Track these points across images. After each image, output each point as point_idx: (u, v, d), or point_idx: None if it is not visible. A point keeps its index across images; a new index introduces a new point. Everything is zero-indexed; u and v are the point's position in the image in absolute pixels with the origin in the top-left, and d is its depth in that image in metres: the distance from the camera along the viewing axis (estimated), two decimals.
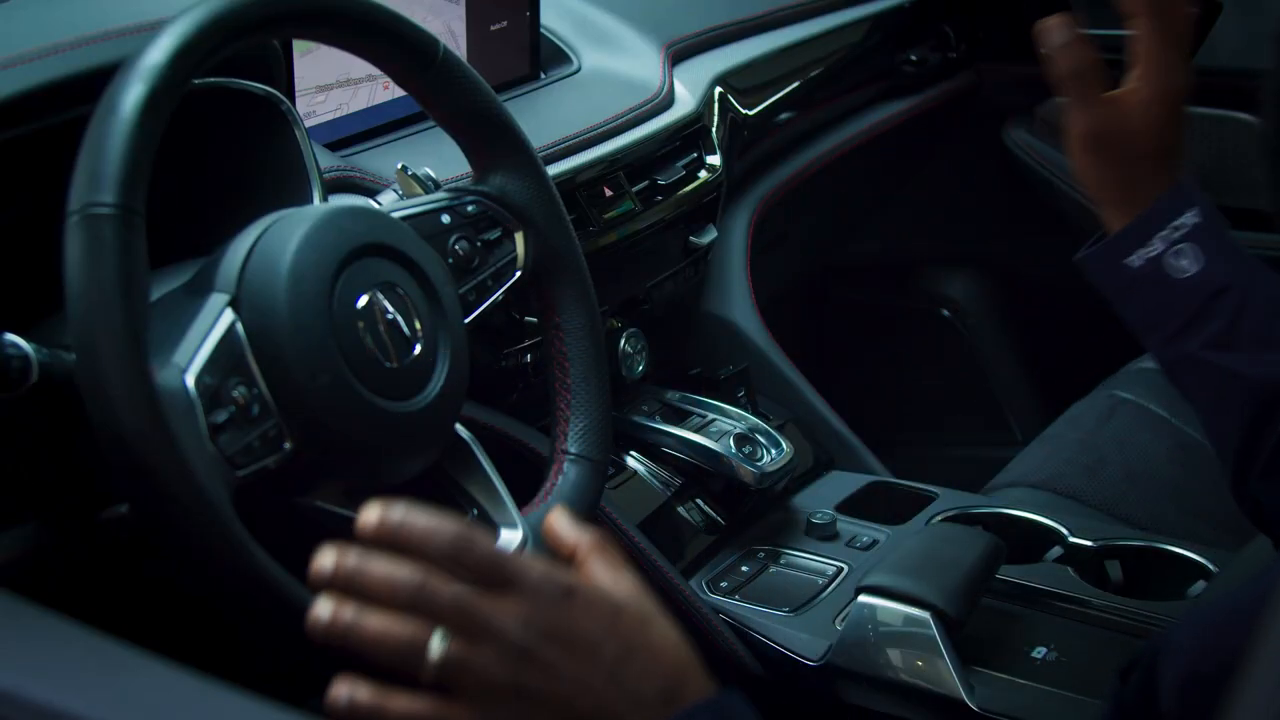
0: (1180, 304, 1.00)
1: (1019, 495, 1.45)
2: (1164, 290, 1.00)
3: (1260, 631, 0.46)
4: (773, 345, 1.63)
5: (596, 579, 0.75)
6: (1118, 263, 1.02)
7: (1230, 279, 1.00)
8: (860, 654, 1.16)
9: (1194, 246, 1.00)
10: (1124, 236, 1.02)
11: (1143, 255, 1.01)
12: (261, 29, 0.88)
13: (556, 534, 0.77)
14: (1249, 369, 0.98)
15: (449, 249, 1.01)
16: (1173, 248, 1.00)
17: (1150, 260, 1.00)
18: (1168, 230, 1.00)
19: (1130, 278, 1.01)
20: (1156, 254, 1.00)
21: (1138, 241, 1.01)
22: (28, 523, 0.90)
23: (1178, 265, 1.00)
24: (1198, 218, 1.01)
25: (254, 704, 0.65)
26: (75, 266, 0.76)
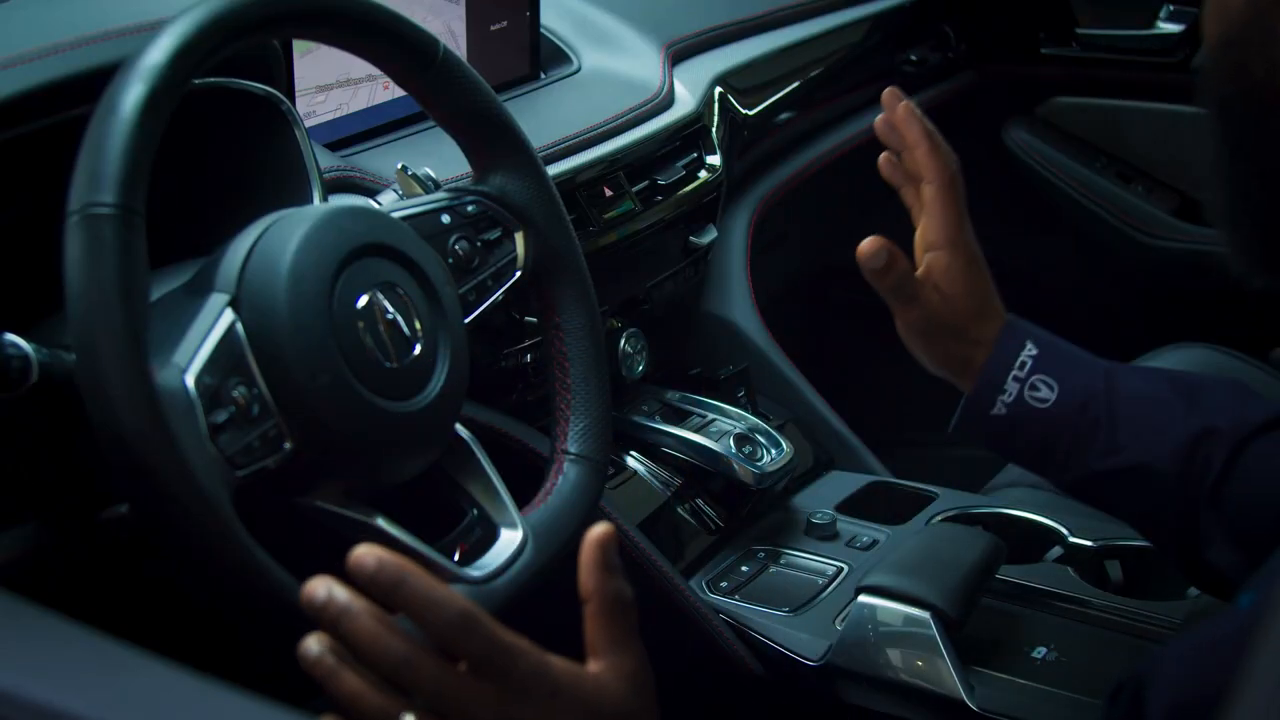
0: (1058, 431, 1.04)
1: (1019, 495, 1.45)
2: (1037, 425, 1.05)
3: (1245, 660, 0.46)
4: (773, 345, 1.63)
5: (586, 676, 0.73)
6: (986, 415, 1.06)
7: (1087, 389, 1.04)
8: (860, 654, 1.16)
9: (1044, 376, 1.05)
10: (980, 393, 1.07)
11: (1004, 402, 1.05)
12: (261, 29, 0.88)
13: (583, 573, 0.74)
14: (1145, 458, 1.01)
15: (449, 249, 1.01)
16: (1026, 383, 1.05)
17: (1012, 404, 1.05)
18: (1015, 370, 1.05)
19: (1002, 426, 1.06)
20: (1015, 396, 1.05)
21: (994, 390, 1.06)
22: (28, 523, 0.90)
23: (1038, 398, 1.05)
24: (1034, 349, 1.06)
25: (254, 704, 0.65)
26: (75, 266, 0.76)
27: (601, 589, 0.73)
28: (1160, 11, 1.98)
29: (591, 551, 0.73)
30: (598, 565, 0.73)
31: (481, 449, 1.00)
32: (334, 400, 0.86)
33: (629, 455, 1.39)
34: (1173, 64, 1.97)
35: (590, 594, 0.73)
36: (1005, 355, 1.06)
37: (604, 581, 0.73)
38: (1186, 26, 1.95)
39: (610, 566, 0.73)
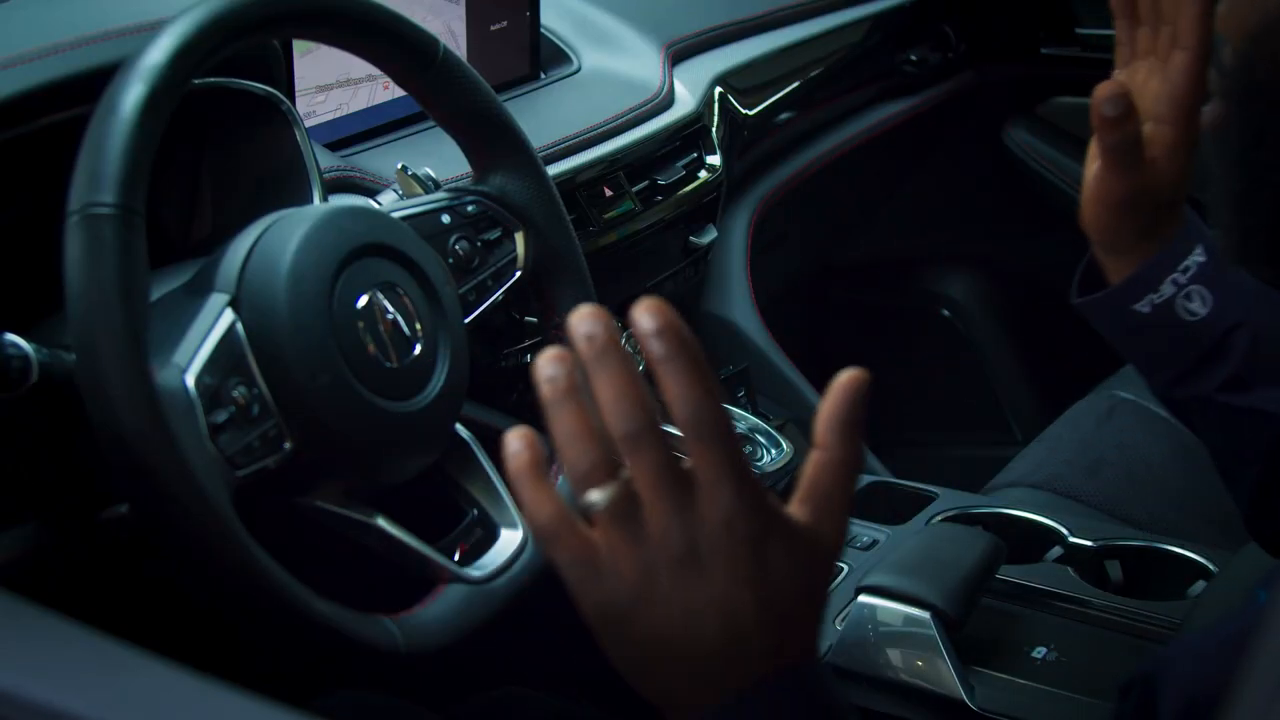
0: (1191, 346, 0.98)
1: (1019, 495, 1.45)
2: (1174, 333, 0.98)
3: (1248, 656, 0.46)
4: (773, 345, 1.63)
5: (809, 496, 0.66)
6: (1126, 309, 0.99)
7: (1240, 316, 0.98)
8: (860, 654, 1.16)
9: (1202, 288, 0.98)
10: (1133, 283, 0.99)
11: (1152, 301, 0.98)
12: (261, 29, 0.88)
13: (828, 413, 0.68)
14: (1268, 405, 0.96)
15: (449, 249, 1.01)
16: (1182, 291, 0.98)
17: (1160, 305, 0.98)
18: (1176, 273, 0.98)
19: (1139, 323, 0.99)
20: (1167, 299, 0.98)
21: (1147, 287, 0.98)
22: (28, 523, 0.90)
23: (1188, 308, 0.98)
24: (1203, 256, 0.98)
25: (254, 704, 0.65)
26: (75, 266, 0.76)
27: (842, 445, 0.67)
28: None
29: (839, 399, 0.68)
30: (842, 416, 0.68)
31: (481, 449, 1.00)
32: (334, 400, 0.86)
33: None
34: None
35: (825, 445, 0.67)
36: (1173, 255, 0.98)
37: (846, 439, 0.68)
38: None
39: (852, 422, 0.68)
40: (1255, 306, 0.99)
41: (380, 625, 0.86)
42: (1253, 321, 0.98)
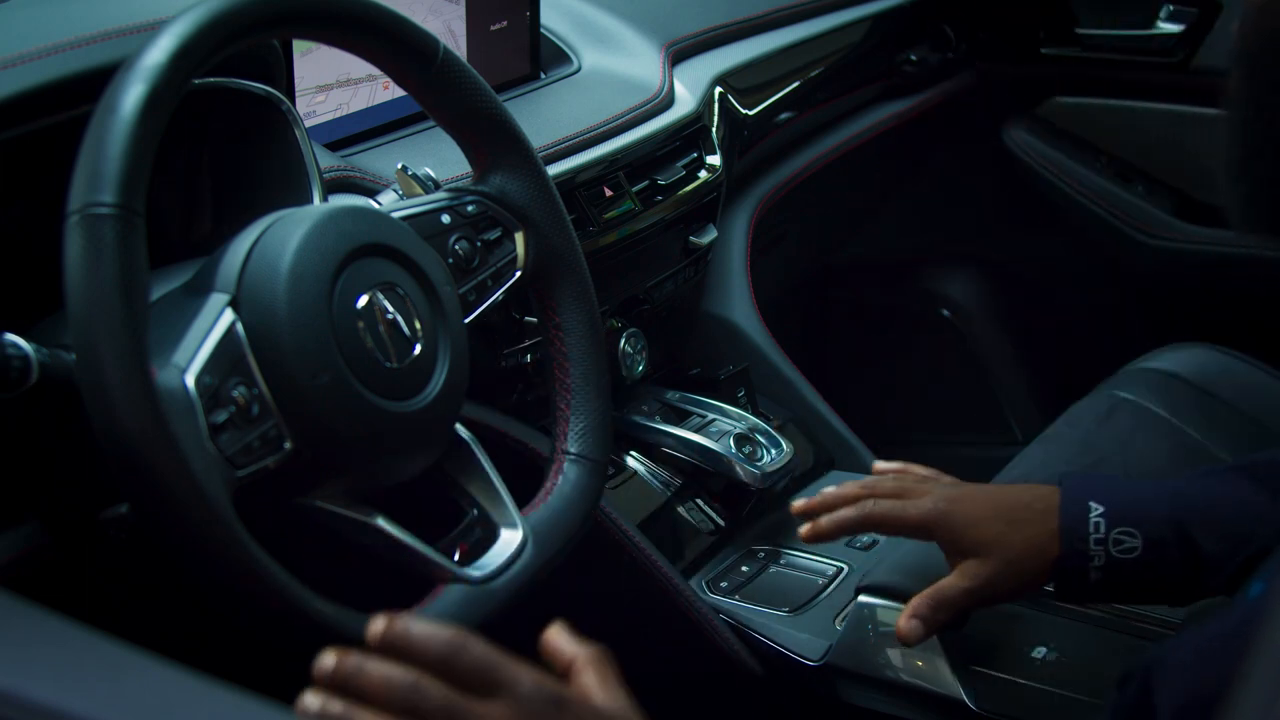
0: (1161, 568, 1.02)
1: None
2: (1138, 572, 1.03)
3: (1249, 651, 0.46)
4: (773, 345, 1.63)
5: (588, 691, 0.75)
6: (1087, 586, 1.04)
7: (1171, 509, 1.03)
8: (860, 654, 1.16)
9: (1121, 529, 1.03)
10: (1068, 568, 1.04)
11: (1097, 570, 1.03)
12: (261, 29, 0.88)
13: (554, 646, 0.77)
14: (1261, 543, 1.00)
15: (449, 249, 1.01)
16: (1110, 544, 1.03)
17: (1105, 566, 1.03)
18: (1093, 540, 1.03)
19: (1104, 588, 1.04)
20: (1104, 560, 1.03)
21: (1083, 562, 1.03)
22: (28, 523, 0.90)
23: (1124, 551, 1.03)
24: (1101, 505, 1.04)
25: (254, 704, 0.65)
26: (75, 266, 0.76)
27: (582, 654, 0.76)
28: (1160, 11, 1.98)
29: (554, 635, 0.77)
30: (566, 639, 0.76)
31: (481, 449, 1.00)
32: (334, 400, 0.86)
33: (629, 455, 1.39)
34: (1173, 64, 1.97)
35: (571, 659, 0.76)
36: (1077, 529, 1.04)
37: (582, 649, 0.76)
38: (1186, 26, 1.95)
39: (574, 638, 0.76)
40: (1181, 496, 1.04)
41: None
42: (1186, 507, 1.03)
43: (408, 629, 0.71)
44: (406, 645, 0.71)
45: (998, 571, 1.06)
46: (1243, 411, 1.56)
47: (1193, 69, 1.95)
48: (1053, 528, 1.04)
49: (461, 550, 0.96)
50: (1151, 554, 1.02)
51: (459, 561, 0.94)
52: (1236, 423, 1.55)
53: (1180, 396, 1.57)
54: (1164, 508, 1.04)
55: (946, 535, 1.08)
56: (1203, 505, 1.04)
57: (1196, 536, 1.02)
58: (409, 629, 0.71)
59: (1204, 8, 1.94)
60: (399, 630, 0.71)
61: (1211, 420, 1.54)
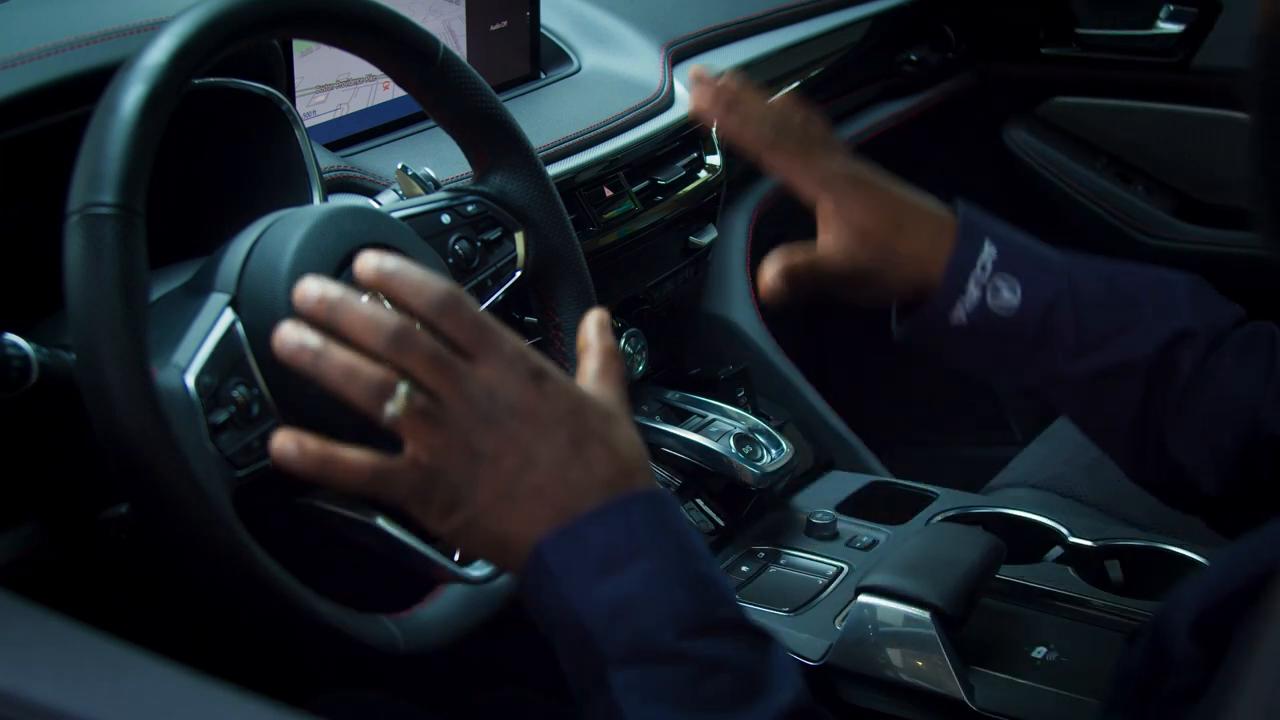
0: (1019, 334, 0.97)
1: (1019, 495, 1.45)
2: (998, 331, 0.97)
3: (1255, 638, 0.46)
4: (773, 345, 1.63)
5: (585, 374, 0.77)
6: (944, 324, 0.98)
7: (1054, 290, 0.97)
8: (860, 654, 1.16)
9: (1006, 276, 0.97)
10: (938, 301, 0.98)
11: (964, 308, 0.97)
12: (261, 29, 0.88)
13: (582, 326, 0.78)
14: (1115, 360, 0.96)
15: (449, 249, 1.01)
16: (989, 288, 0.97)
17: (974, 310, 0.97)
18: (976, 272, 0.97)
19: (962, 334, 0.98)
20: (976, 301, 0.97)
21: (955, 293, 0.97)
22: (28, 523, 0.90)
23: (1000, 302, 0.97)
24: (994, 248, 0.98)
25: (254, 704, 0.65)
26: (75, 267, 0.76)
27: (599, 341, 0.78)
28: (1160, 11, 1.98)
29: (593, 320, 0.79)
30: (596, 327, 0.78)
31: None
32: (334, 400, 0.86)
33: None
34: (1173, 64, 1.97)
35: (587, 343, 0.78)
36: (962, 261, 0.98)
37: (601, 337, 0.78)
38: (1186, 26, 1.96)
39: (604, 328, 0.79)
40: (1066, 276, 0.99)
41: (380, 625, 0.86)
42: (1068, 290, 0.98)
43: (402, 270, 0.69)
44: (398, 288, 0.69)
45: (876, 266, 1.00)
46: None
47: (1193, 69, 1.96)
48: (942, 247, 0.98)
49: (463, 550, 0.96)
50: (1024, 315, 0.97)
51: (459, 561, 0.94)
52: None
53: None
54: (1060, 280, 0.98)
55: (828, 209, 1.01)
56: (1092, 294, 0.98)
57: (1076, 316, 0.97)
58: (404, 270, 0.69)
59: (1204, 8, 1.94)
60: (391, 268, 0.69)
61: None
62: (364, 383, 0.69)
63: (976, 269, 0.97)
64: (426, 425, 0.69)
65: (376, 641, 0.85)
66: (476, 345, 0.70)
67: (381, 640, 0.85)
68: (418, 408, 0.69)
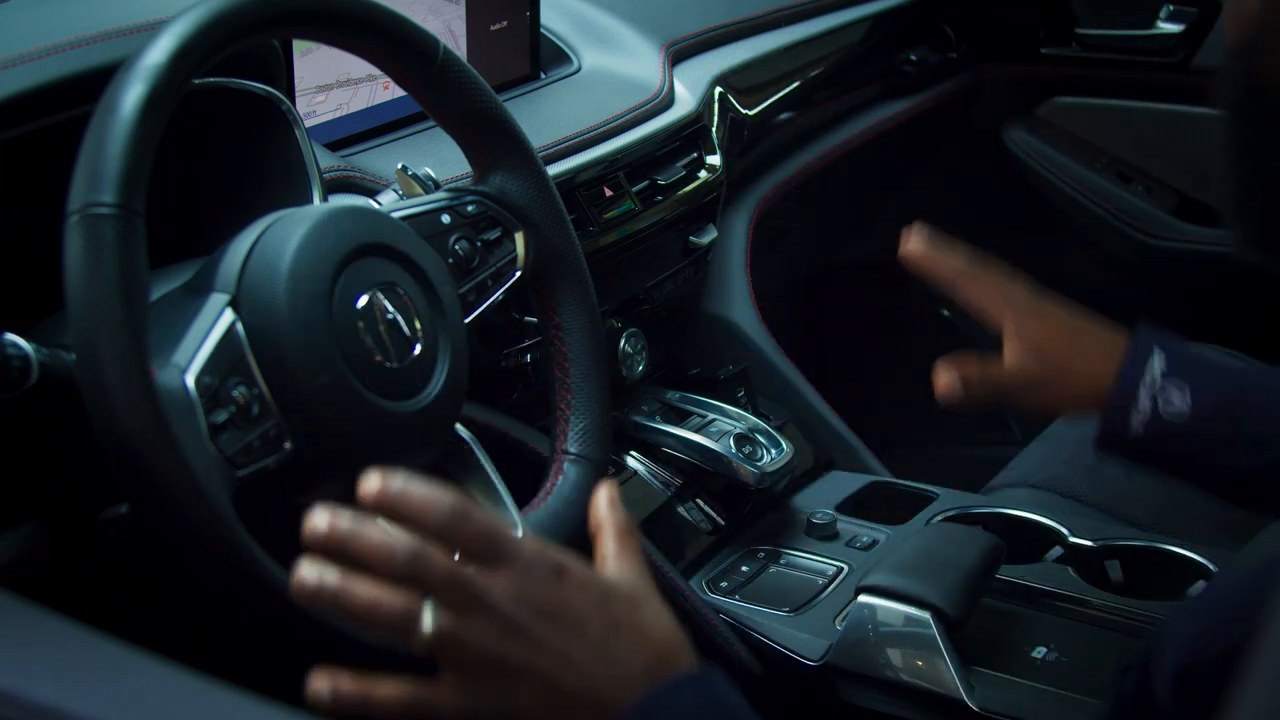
0: (1197, 438, 1.00)
1: (1019, 495, 1.45)
2: (1175, 435, 1.01)
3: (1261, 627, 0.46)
4: (773, 345, 1.63)
5: (603, 555, 0.76)
6: (1124, 434, 1.02)
7: (1224, 390, 1.01)
8: (860, 654, 1.16)
9: (1176, 381, 1.01)
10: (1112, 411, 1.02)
11: (1139, 418, 1.01)
12: (261, 29, 0.88)
13: (595, 506, 0.78)
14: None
15: (449, 249, 1.01)
16: (1160, 397, 1.01)
17: (1148, 418, 1.01)
18: (1146, 382, 1.01)
19: (1142, 443, 1.02)
20: (1149, 410, 1.01)
21: (1125, 409, 1.01)
22: (28, 523, 0.90)
23: (1172, 410, 1.00)
24: (1162, 356, 1.02)
25: (254, 704, 0.65)
26: (75, 267, 0.76)
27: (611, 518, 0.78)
28: (1160, 11, 1.98)
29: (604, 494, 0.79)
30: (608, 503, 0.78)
31: (481, 449, 1.00)
32: (334, 400, 0.86)
33: (629, 455, 1.39)
34: (1173, 64, 1.97)
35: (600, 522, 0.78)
36: (1134, 368, 1.02)
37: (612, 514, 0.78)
38: (1186, 26, 1.96)
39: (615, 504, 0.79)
40: (1240, 374, 1.02)
41: None
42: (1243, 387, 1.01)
43: (407, 491, 0.68)
44: (404, 510, 0.68)
45: (1049, 377, 1.05)
46: None
47: (1193, 69, 1.95)
48: (1112, 362, 1.02)
49: None
50: (1197, 419, 1.00)
51: (459, 561, 0.94)
52: None
53: None
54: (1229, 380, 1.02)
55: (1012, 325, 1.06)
56: (1262, 390, 1.01)
57: (1247, 415, 1.00)
58: (408, 491, 0.68)
59: (1204, 8, 1.94)
60: (396, 490, 0.68)
61: None
62: (386, 617, 0.67)
63: (1146, 378, 1.01)
64: (456, 646, 0.68)
65: (376, 641, 0.85)
66: (492, 554, 0.70)
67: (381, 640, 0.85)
68: (444, 631, 0.68)
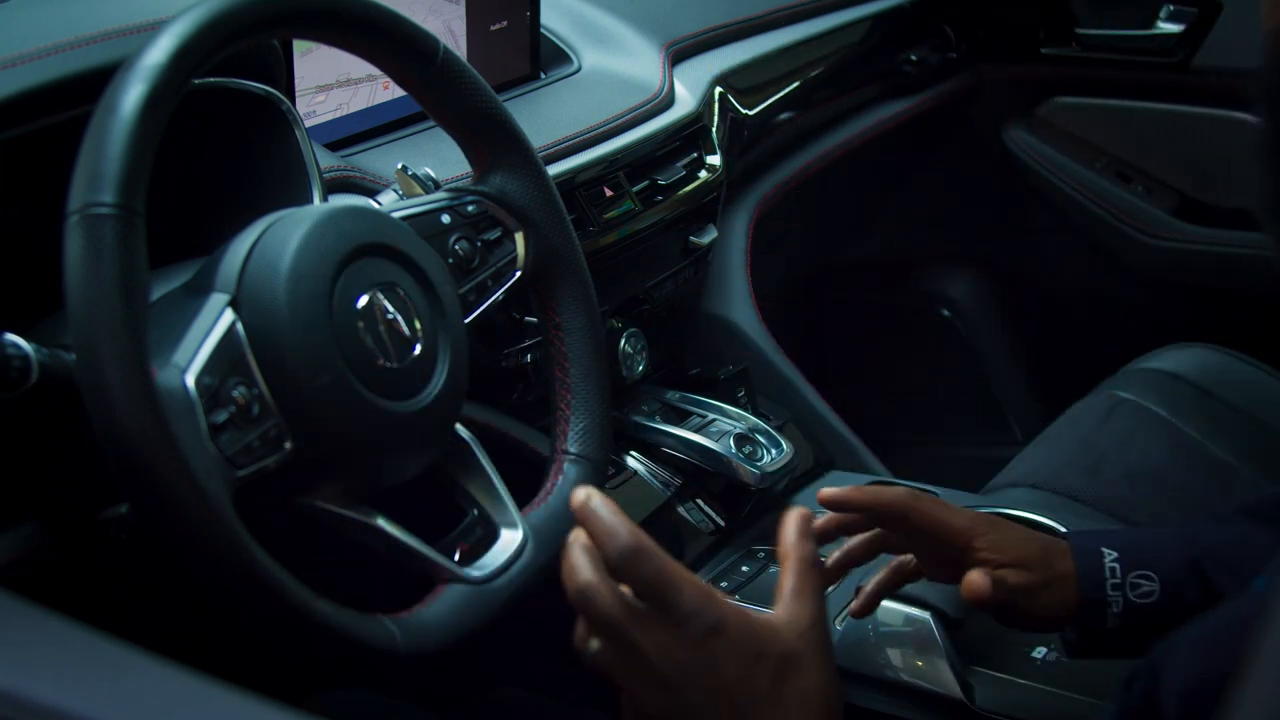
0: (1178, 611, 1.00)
1: (1019, 495, 1.45)
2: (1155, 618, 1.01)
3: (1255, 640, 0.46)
4: (773, 345, 1.63)
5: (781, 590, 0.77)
6: (1105, 633, 1.02)
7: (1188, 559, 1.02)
8: (860, 654, 1.16)
9: (1137, 573, 1.02)
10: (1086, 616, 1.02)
11: (1114, 612, 1.02)
12: (261, 29, 0.88)
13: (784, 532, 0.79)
14: None
15: (449, 249, 1.01)
16: (1128, 588, 1.02)
17: (1123, 611, 1.02)
18: (1110, 582, 1.02)
19: (1126, 634, 1.02)
20: (1121, 604, 1.02)
21: (1099, 609, 1.02)
22: (28, 523, 0.90)
23: (1143, 594, 1.02)
24: (1115, 552, 1.03)
25: (254, 704, 0.65)
26: (75, 267, 0.76)
27: (797, 549, 0.78)
28: (1160, 11, 1.98)
29: (794, 521, 0.79)
30: (797, 531, 0.78)
31: (481, 449, 1.00)
32: (334, 400, 0.86)
33: (629, 455, 1.39)
34: (1173, 64, 1.97)
35: (787, 552, 0.78)
36: (1090, 573, 1.03)
37: (800, 544, 0.78)
38: (1186, 26, 1.96)
39: (805, 534, 0.79)
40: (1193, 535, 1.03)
41: (380, 625, 0.86)
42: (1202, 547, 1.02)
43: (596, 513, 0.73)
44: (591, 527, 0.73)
45: (1040, 583, 1.03)
46: (1243, 411, 1.56)
47: (1193, 69, 1.96)
48: (1071, 572, 1.03)
49: (462, 550, 0.96)
50: (1169, 597, 1.01)
51: (459, 561, 0.94)
52: (1236, 423, 1.55)
53: (1180, 396, 1.57)
54: (1177, 551, 1.03)
55: (986, 544, 1.04)
56: (1215, 545, 1.02)
57: (1212, 576, 1.01)
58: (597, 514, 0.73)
59: (1204, 8, 1.94)
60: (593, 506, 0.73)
61: (1212, 420, 1.54)
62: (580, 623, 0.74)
63: (1107, 577, 1.02)
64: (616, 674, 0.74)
65: (376, 642, 0.85)
66: (657, 600, 0.73)
67: (381, 640, 0.85)
68: (601, 663, 0.74)
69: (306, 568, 0.84)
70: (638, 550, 0.72)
